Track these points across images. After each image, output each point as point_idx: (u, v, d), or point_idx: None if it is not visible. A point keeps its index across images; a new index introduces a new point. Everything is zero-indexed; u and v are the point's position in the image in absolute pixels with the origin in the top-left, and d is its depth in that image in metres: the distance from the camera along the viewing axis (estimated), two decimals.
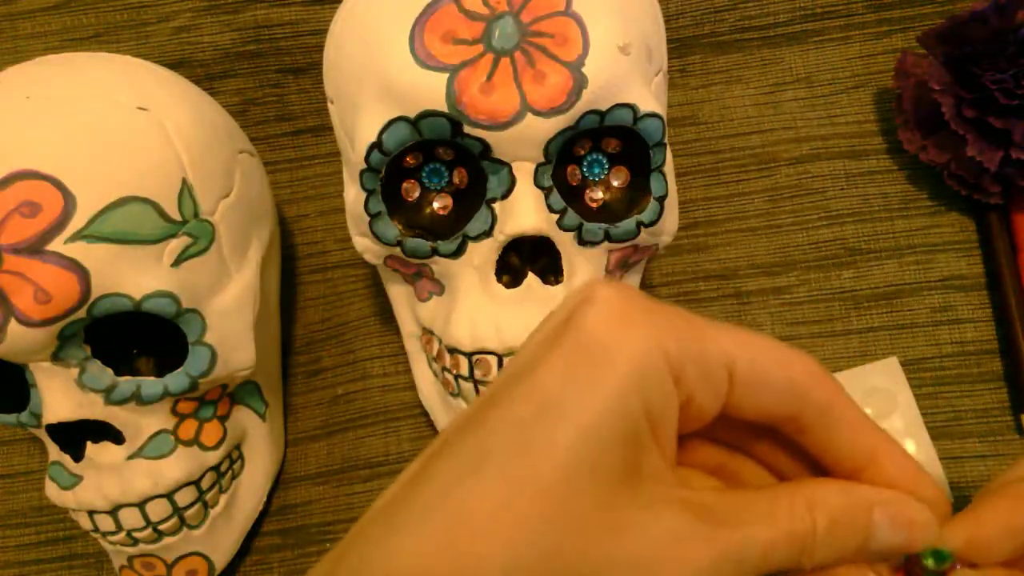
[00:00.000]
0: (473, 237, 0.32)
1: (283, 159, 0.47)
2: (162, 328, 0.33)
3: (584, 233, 0.32)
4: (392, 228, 0.32)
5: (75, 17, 0.49)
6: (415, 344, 0.37)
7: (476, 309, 0.32)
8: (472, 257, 0.32)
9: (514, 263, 0.32)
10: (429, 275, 0.34)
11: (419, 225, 0.33)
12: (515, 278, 0.32)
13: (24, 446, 0.45)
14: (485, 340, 0.31)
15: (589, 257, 0.32)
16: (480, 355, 0.32)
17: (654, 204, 0.33)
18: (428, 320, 0.35)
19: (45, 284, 0.29)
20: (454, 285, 0.33)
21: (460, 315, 0.32)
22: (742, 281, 0.42)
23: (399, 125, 0.30)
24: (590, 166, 0.33)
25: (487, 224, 0.31)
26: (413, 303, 0.36)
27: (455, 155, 0.32)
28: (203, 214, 0.33)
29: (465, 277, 0.32)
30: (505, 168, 0.30)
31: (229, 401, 0.37)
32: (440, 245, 0.32)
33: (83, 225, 0.30)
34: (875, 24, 0.45)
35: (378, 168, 0.31)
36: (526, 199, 0.31)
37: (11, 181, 0.29)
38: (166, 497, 0.34)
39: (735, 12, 0.45)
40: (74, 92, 0.32)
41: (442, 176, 0.33)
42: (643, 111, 0.31)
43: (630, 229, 0.32)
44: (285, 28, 0.47)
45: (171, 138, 0.33)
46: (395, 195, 0.33)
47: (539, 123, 0.29)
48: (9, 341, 0.30)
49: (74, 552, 0.43)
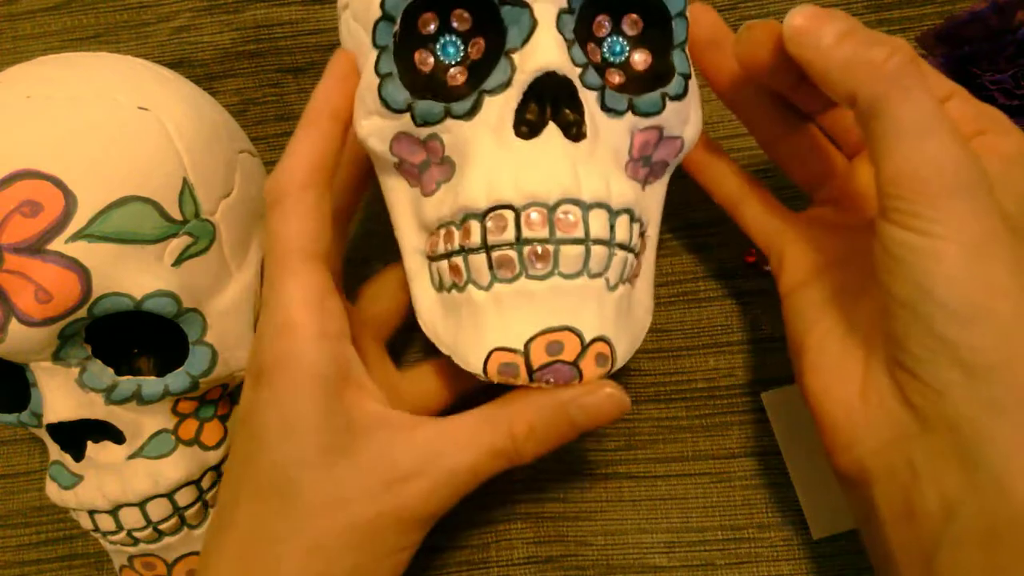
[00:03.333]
0: (490, 90, 0.30)
1: None
2: (163, 328, 0.33)
3: (607, 98, 0.30)
4: (402, 91, 0.30)
5: (75, 17, 0.49)
6: (417, 261, 0.34)
7: (492, 163, 0.29)
8: (488, 115, 0.30)
9: (534, 116, 0.30)
10: (438, 157, 0.31)
11: (431, 91, 0.31)
12: (534, 130, 0.29)
13: (24, 446, 0.45)
14: (501, 191, 0.29)
15: (611, 128, 0.31)
16: (496, 211, 0.29)
17: (679, 78, 0.31)
18: (435, 211, 0.31)
19: (46, 283, 0.29)
20: (467, 153, 0.30)
21: (474, 173, 0.29)
22: (742, 281, 0.42)
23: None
24: (611, 47, 0.33)
25: (506, 75, 0.29)
26: (419, 207, 0.33)
27: (472, 22, 0.31)
28: (204, 214, 0.33)
29: (480, 139, 0.30)
30: (526, 11, 0.29)
31: (230, 401, 0.38)
32: (454, 106, 0.30)
33: (84, 225, 0.30)
34: (875, 24, 0.45)
35: (394, 15, 0.30)
36: (547, 38, 0.29)
37: (12, 181, 0.29)
38: (167, 497, 0.35)
39: (735, 12, 0.46)
40: (75, 92, 0.32)
41: (458, 48, 0.32)
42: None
43: (655, 100, 0.31)
44: (285, 28, 0.47)
45: (172, 138, 0.33)
46: (408, 64, 0.31)
47: None
48: (10, 340, 0.30)
49: (74, 552, 0.43)
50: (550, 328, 0.29)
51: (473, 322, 0.30)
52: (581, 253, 0.29)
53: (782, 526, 0.39)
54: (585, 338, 0.29)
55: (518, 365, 0.29)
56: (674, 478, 0.41)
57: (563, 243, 0.29)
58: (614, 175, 0.30)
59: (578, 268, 0.29)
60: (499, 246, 0.29)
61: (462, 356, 0.31)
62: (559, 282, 0.29)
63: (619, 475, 0.41)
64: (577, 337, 0.29)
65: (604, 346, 0.30)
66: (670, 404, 0.41)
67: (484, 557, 0.41)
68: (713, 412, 0.41)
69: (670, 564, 0.40)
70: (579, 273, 0.29)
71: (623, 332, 0.31)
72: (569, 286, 0.29)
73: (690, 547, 0.40)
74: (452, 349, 0.31)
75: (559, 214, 0.29)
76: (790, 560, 0.39)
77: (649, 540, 0.40)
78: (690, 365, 0.42)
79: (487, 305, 0.30)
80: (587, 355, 0.29)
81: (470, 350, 0.30)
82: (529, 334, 0.29)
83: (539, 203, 0.29)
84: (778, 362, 0.41)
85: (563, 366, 0.29)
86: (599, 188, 0.29)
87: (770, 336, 0.41)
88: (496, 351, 0.29)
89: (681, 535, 0.40)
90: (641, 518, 0.40)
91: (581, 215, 0.29)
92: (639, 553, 0.40)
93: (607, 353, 0.30)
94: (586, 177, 0.29)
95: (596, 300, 0.30)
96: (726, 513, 0.40)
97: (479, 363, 0.30)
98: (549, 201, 0.29)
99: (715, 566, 0.39)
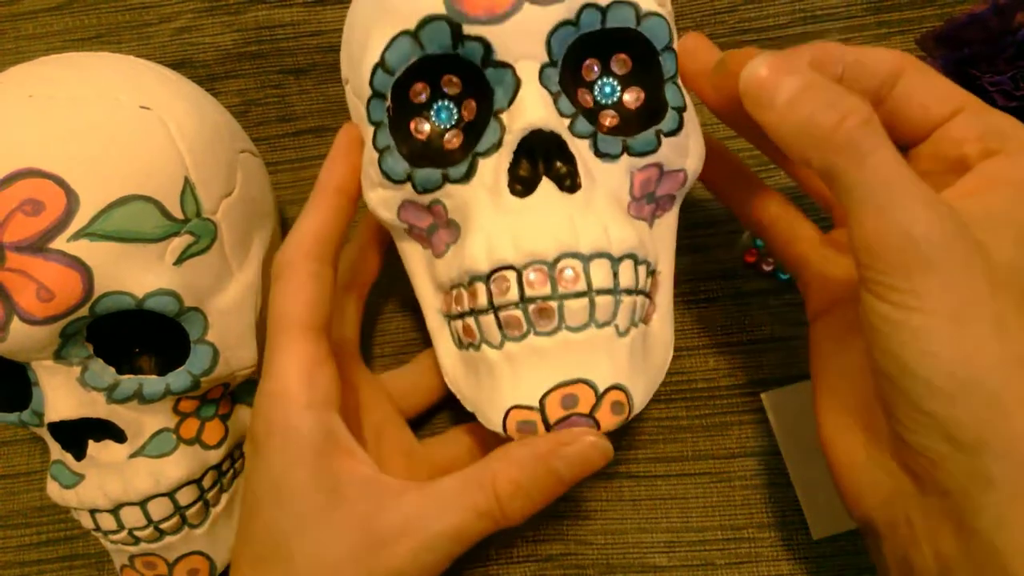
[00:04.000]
0: (483, 152, 0.30)
1: (284, 160, 0.47)
2: (164, 327, 0.33)
3: (600, 143, 0.31)
4: (401, 162, 0.31)
5: (77, 18, 0.49)
6: (437, 320, 0.34)
7: (490, 226, 0.30)
8: (484, 177, 0.30)
9: (526, 173, 0.30)
10: (443, 220, 0.32)
11: (429, 159, 0.32)
12: (528, 188, 0.30)
13: (25, 446, 0.45)
14: (501, 252, 0.29)
15: (608, 173, 0.31)
16: (498, 272, 0.29)
17: (672, 113, 0.31)
18: (446, 273, 0.32)
19: (48, 282, 0.29)
20: (468, 215, 0.31)
21: (475, 236, 0.30)
22: (742, 281, 0.43)
23: (400, 40, 0.29)
24: (601, 88, 0.33)
25: (496, 136, 0.30)
26: (433, 269, 0.33)
27: (462, 86, 0.31)
28: (205, 213, 0.33)
29: (478, 200, 0.30)
30: (509, 71, 0.30)
31: (231, 400, 0.38)
32: (451, 171, 0.31)
33: (86, 223, 0.30)
34: (874, 27, 0.45)
35: (383, 92, 0.30)
36: (532, 96, 0.30)
37: (14, 179, 0.30)
38: (168, 496, 0.35)
39: (735, 14, 0.46)
40: (77, 91, 0.32)
41: (451, 112, 0.32)
42: (645, 10, 0.30)
43: (650, 139, 0.31)
44: (286, 29, 0.47)
45: (173, 137, 0.33)
46: (404, 134, 0.32)
47: (537, 12, 0.29)
48: (11, 339, 0.30)
49: (75, 552, 0.43)
50: (563, 382, 0.30)
51: (490, 381, 0.31)
52: (585, 306, 0.29)
53: (782, 526, 0.39)
54: (599, 388, 0.30)
55: (535, 422, 0.30)
56: (674, 478, 0.41)
57: (566, 298, 0.29)
58: (614, 221, 0.30)
59: (584, 320, 0.29)
60: (505, 306, 0.30)
61: (483, 414, 0.31)
62: (567, 336, 0.29)
63: (619, 475, 0.41)
64: (591, 388, 0.30)
65: (619, 394, 0.30)
66: (670, 404, 0.41)
67: (483, 555, 0.41)
68: (713, 412, 0.41)
69: (670, 564, 0.40)
70: (586, 325, 0.29)
71: (639, 375, 0.31)
72: (578, 339, 0.29)
73: (690, 547, 0.40)
74: (474, 406, 0.32)
75: (559, 270, 0.29)
76: (790, 560, 0.39)
77: (649, 540, 0.40)
78: (690, 365, 0.42)
79: (501, 364, 0.30)
80: (602, 405, 0.30)
81: (490, 408, 0.31)
82: (543, 390, 0.30)
83: (539, 261, 0.29)
84: (778, 362, 0.41)
85: (579, 418, 0.30)
86: (598, 238, 0.29)
87: (770, 336, 0.41)
88: (513, 409, 0.30)
89: (681, 535, 0.40)
90: (641, 518, 0.40)
91: (581, 268, 0.29)
92: (639, 553, 0.40)
93: (623, 400, 0.30)
94: (583, 229, 0.29)
95: (606, 349, 0.30)
96: (726, 513, 0.40)
97: (499, 421, 0.30)
98: (548, 258, 0.29)
99: (715, 566, 0.39)
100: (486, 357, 0.31)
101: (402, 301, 0.44)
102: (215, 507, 0.37)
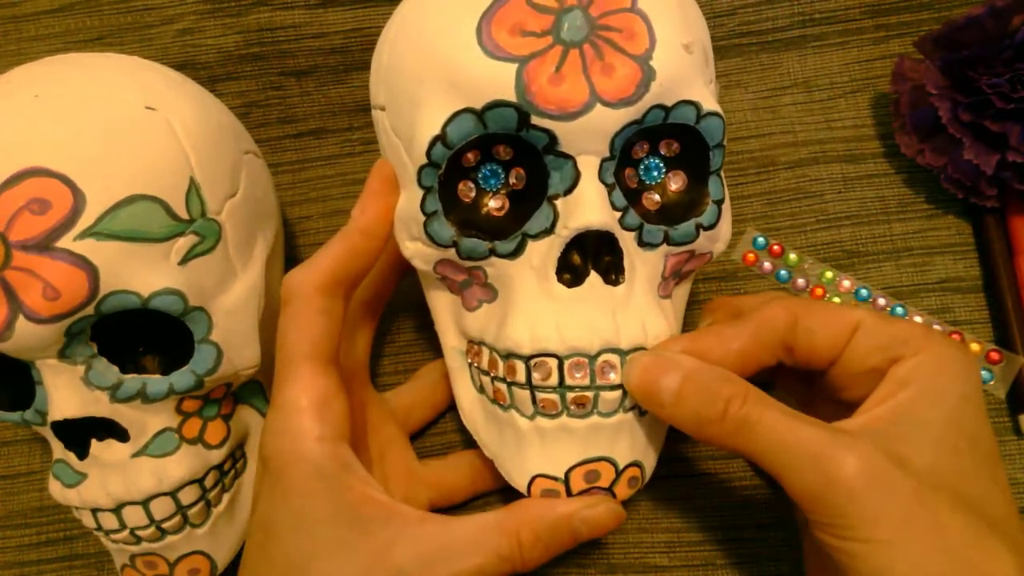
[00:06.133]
0: (533, 235, 0.31)
1: (285, 161, 0.47)
2: (168, 326, 0.33)
3: (644, 234, 0.31)
4: (447, 228, 0.31)
5: (79, 19, 0.49)
6: (457, 360, 0.35)
7: (535, 309, 0.31)
8: (531, 257, 0.31)
9: (575, 262, 0.31)
10: (481, 281, 0.32)
11: (475, 226, 0.32)
12: (576, 277, 0.31)
13: (25, 447, 0.45)
14: (545, 341, 0.30)
15: (646, 260, 0.32)
16: (539, 358, 0.30)
17: (712, 207, 0.32)
18: (478, 330, 0.33)
19: (54, 281, 0.29)
20: (510, 288, 0.31)
21: (518, 317, 0.31)
22: (742, 282, 0.43)
23: (464, 117, 0.29)
24: (647, 170, 0.33)
25: (548, 221, 0.30)
26: (459, 314, 0.34)
27: (514, 154, 0.32)
28: (210, 213, 0.33)
29: (523, 279, 0.31)
30: (570, 162, 0.30)
31: (233, 400, 0.38)
32: (498, 245, 0.31)
33: (92, 222, 0.30)
34: (872, 30, 0.46)
35: (439, 163, 0.30)
36: (591, 193, 0.30)
37: (21, 178, 0.30)
38: (170, 495, 0.35)
39: (734, 17, 0.46)
40: (83, 91, 0.32)
41: (499, 177, 0.32)
42: (706, 109, 0.31)
43: (689, 232, 0.32)
44: (288, 31, 0.47)
45: (179, 137, 0.33)
46: (451, 196, 0.32)
47: (607, 114, 0.29)
48: (17, 337, 0.30)
49: (75, 552, 0.43)
50: (589, 459, 0.31)
51: (517, 446, 0.32)
52: (619, 397, 0.31)
53: (782, 526, 0.40)
54: (619, 466, 0.32)
55: (559, 492, 0.32)
56: (674, 478, 0.41)
57: (602, 389, 0.31)
58: (650, 314, 0.31)
59: (615, 408, 0.31)
60: (543, 388, 0.31)
61: (507, 472, 0.33)
62: (598, 420, 0.31)
63: None
64: (612, 466, 0.32)
65: (636, 470, 0.32)
66: None
67: None
68: None
69: (670, 564, 0.40)
70: (615, 411, 0.31)
71: (652, 447, 0.33)
72: (607, 423, 0.31)
73: (690, 547, 0.40)
74: (495, 456, 0.34)
75: (599, 364, 0.30)
76: (790, 560, 0.39)
77: (649, 540, 0.40)
78: None
79: (531, 434, 0.32)
80: (621, 480, 0.32)
81: (514, 470, 0.33)
82: (569, 464, 0.31)
83: (581, 353, 0.30)
84: None
85: (599, 491, 0.32)
86: (637, 334, 0.31)
87: None
88: (539, 477, 0.32)
89: (681, 535, 0.40)
90: (641, 518, 0.41)
91: (619, 362, 0.30)
92: (639, 553, 0.40)
93: (638, 476, 0.32)
94: (624, 324, 0.30)
95: (629, 432, 0.32)
96: (726, 513, 0.40)
97: (523, 484, 0.32)
98: (591, 352, 0.30)
99: (715, 566, 0.40)
100: (516, 423, 0.32)
101: (406, 312, 0.44)
102: (217, 507, 0.37)
